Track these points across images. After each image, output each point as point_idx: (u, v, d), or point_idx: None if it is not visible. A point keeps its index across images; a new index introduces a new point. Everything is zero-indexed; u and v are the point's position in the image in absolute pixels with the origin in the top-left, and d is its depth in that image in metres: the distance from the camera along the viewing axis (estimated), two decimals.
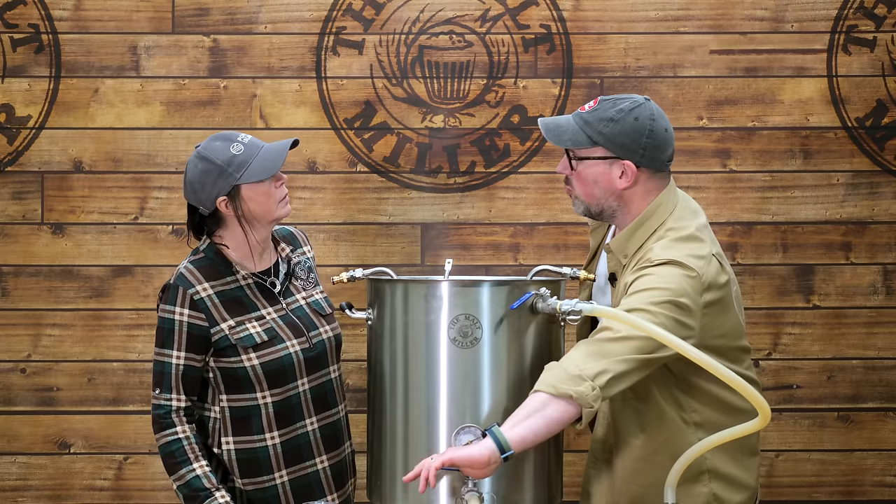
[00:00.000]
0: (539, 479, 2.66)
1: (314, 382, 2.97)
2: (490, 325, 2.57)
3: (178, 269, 2.94)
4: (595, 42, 4.12)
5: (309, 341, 2.96)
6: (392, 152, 4.13)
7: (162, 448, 2.88)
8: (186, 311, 2.89)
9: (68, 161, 4.10)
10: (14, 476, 4.09)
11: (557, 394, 2.48)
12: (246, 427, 2.90)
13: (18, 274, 4.10)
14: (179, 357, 2.89)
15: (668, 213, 2.76)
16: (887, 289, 4.12)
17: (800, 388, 4.12)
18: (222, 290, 2.92)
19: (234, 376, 2.89)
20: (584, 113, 2.78)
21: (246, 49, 4.12)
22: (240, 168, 2.86)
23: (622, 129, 2.73)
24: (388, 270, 2.79)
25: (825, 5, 4.12)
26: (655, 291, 2.57)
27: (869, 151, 4.12)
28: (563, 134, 2.78)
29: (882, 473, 4.13)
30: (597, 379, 2.49)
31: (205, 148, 2.91)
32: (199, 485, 2.83)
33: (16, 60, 4.10)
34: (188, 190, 2.93)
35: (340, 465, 3.02)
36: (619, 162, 2.74)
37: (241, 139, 2.90)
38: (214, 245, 2.96)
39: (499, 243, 4.13)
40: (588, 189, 2.79)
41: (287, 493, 2.92)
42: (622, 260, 2.76)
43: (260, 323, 2.92)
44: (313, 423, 2.96)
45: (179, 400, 2.88)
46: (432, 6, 4.13)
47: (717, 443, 2.51)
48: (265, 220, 2.93)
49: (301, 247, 3.12)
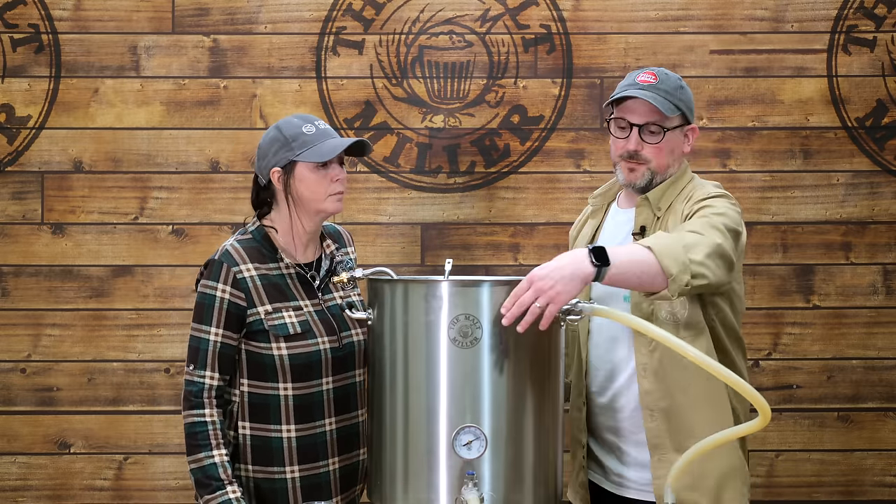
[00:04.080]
0: (539, 479, 2.66)
1: (339, 383, 2.95)
2: (490, 325, 2.57)
3: (223, 246, 2.93)
4: (595, 42, 4.13)
5: (339, 341, 2.94)
6: (392, 152, 4.13)
7: (187, 427, 2.84)
8: (229, 289, 2.87)
9: (68, 161, 4.10)
10: (14, 476, 4.09)
11: (661, 265, 2.57)
12: (264, 415, 2.89)
13: (18, 274, 4.10)
14: (217, 334, 2.86)
15: (691, 172, 2.98)
16: (887, 289, 4.12)
17: (800, 388, 4.12)
18: (265, 274, 2.91)
19: (260, 363, 2.88)
20: (656, 84, 2.88)
21: (246, 49, 4.12)
22: (302, 146, 2.89)
23: (689, 95, 2.95)
24: (388, 270, 2.78)
25: (825, 5, 4.12)
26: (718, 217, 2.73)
27: (869, 151, 4.12)
28: (662, 105, 2.87)
29: (882, 473, 4.13)
30: (695, 279, 2.61)
31: (283, 121, 2.96)
32: (215, 473, 2.81)
33: (16, 60, 4.10)
34: (256, 156, 2.98)
35: (351, 468, 3.00)
36: (685, 127, 2.94)
37: (317, 123, 2.94)
38: (263, 228, 2.97)
39: (499, 243, 4.13)
40: (665, 159, 2.91)
41: (297, 489, 2.91)
42: (657, 212, 2.89)
43: (297, 314, 2.91)
44: (332, 423, 2.94)
45: (213, 378, 2.85)
46: (432, 6, 4.13)
47: (717, 443, 2.51)
48: (311, 207, 2.92)
49: (346, 247, 3.13)
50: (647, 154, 2.88)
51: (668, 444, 2.83)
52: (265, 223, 2.98)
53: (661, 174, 2.91)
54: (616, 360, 2.91)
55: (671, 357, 2.80)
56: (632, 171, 2.91)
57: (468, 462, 2.56)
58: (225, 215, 4.11)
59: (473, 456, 2.56)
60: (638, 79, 2.90)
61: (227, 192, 4.11)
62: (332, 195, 2.92)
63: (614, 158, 2.95)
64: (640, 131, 2.88)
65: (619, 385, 2.91)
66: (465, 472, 2.55)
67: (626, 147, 2.90)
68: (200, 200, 4.11)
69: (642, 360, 2.84)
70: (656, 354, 2.82)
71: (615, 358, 2.91)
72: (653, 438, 2.85)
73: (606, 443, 2.96)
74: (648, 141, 2.88)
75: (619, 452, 2.93)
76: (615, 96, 2.92)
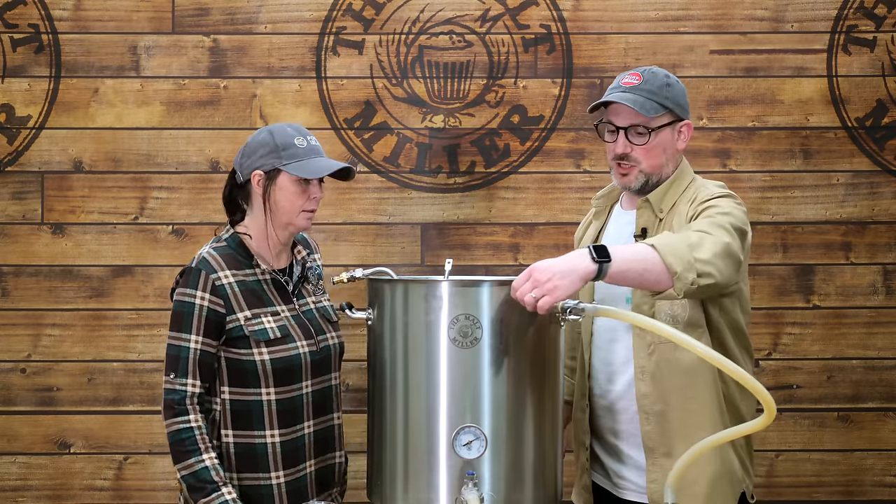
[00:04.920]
0: (539, 480, 2.66)
1: (317, 386, 2.97)
2: (490, 325, 2.57)
3: (199, 254, 2.94)
4: (595, 42, 4.12)
5: (317, 344, 2.97)
6: (392, 152, 4.13)
7: (172, 435, 2.84)
8: (208, 296, 2.87)
9: (68, 161, 4.10)
10: (14, 476, 4.09)
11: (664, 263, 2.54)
12: (247, 422, 2.90)
13: (18, 274, 4.10)
14: (197, 341, 2.86)
15: (692, 172, 2.94)
16: (887, 289, 4.12)
17: (800, 388, 4.12)
18: (242, 280, 2.92)
19: (241, 369, 2.89)
20: (639, 85, 2.86)
21: (246, 49, 4.12)
22: (291, 157, 2.90)
23: (679, 91, 2.90)
24: (388, 270, 2.79)
25: (825, 5, 4.12)
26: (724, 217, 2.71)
27: (869, 151, 4.12)
28: (642, 107, 2.84)
29: (882, 473, 4.12)
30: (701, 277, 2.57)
31: (276, 126, 2.97)
32: (208, 476, 2.81)
33: (16, 60, 4.10)
34: (239, 153, 2.98)
35: (326, 470, 3.02)
36: (678, 124, 2.89)
37: (309, 139, 2.96)
38: (237, 235, 2.98)
39: (499, 243, 4.13)
40: (656, 159, 2.88)
41: (282, 494, 2.91)
42: (658, 214, 2.86)
43: (275, 319, 2.92)
44: (310, 426, 2.96)
45: (195, 385, 2.85)
46: (432, 6, 4.13)
47: (722, 440, 2.50)
48: (283, 219, 2.94)
49: (314, 253, 3.16)
50: (637, 156, 2.88)
51: (660, 448, 2.84)
52: (239, 230, 2.99)
53: (656, 174, 2.89)
54: (616, 363, 2.91)
55: (668, 360, 2.80)
56: (624, 174, 2.91)
57: (468, 462, 2.56)
58: (225, 215, 4.10)
59: (473, 456, 2.56)
60: (622, 81, 2.90)
61: None
62: (304, 211, 2.95)
63: (609, 162, 2.95)
64: (627, 134, 2.88)
65: (619, 387, 2.91)
66: (465, 472, 2.56)
67: (615, 150, 2.90)
68: (200, 200, 4.11)
69: (640, 362, 2.84)
70: (654, 357, 2.82)
71: (615, 360, 2.91)
72: (648, 441, 2.85)
73: (608, 445, 2.96)
74: (636, 143, 2.87)
75: (620, 454, 2.93)
76: (597, 102, 2.93)
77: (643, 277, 2.55)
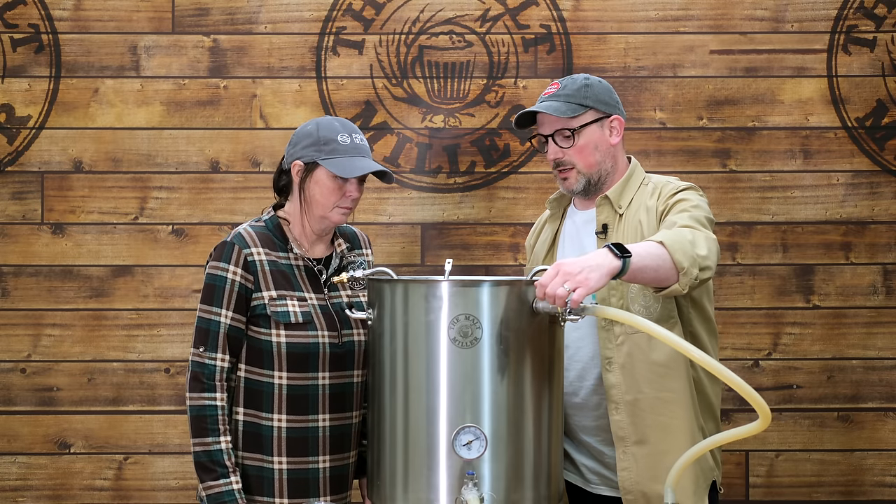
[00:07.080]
0: (539, 479, 2.66)
1: (335, 380, 2.94)
2: (490, 325, 2.57)
3: (235, 230, 2.95)
4: (595, 42, 4.13)
5: (339, 337, 2.95)
6: (392, 152, 4.13)
7: (196, 409, 2.85)
8: (240, 271, 2.89)
9: (68, 161, 4.10)
10: (14, 476, 4.09)
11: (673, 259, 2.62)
12: (257, 402, 2.90)
13: (18, 274, 4.10)
14: (227, 316, 2.88)
15: (642, 170, 3.02)
16: (887, 289, 4.12)
17: (800, 388, 4.12)
18: (274, 261, 2.93)
19: (258, 348, 2.89)
20: (557, 92, 2.96)
21: (246, 49, 4.12)
22: (331, 153, 2.91)
23: (599, 89, 2.97)
24: (388, 270, 2.79)
25: (825, 5, 4.12)
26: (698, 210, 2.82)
27: (869, 151, 4.12)
28: (557, 110, 2.93)
29: (882, 473, 4.12)
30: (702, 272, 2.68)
31: (324, 119, 2.99)
32: (221, 459, 2.83)
33: (16, 60, 4.10)
34: (289, 141, 3.01)
35: (342, 469, 2.99)
36: (607, 120, 2.96)
37: (354, 137, 2.96)
38: (276, 218, 3.00)
39: (499, 243, 4.13)
40: (590, 157, 2.95)
41: (283, 480, 2.90)
42: (618, 210, 2.93)
43: (300, 304, 2.92)
44: (325, 419, 2.94)
45: (224, 360, 2.87)
46: (432, 6, 4.13)
47: (717, 443, 2.53)
48: (317, 212, 2.95)
49: (361, 248, 3.13)
50: (570, 158, 2.96)
51: (631, 437, 2.88)
52: (279, 214, 3.01)
53: (595, 172, 2.97)
54: (585, 360, 2.96)
55: (640, 351, 2.87)
56: (564, 179, 2.99)
57: (468, 462, 2.56)
58: (225, 215, 4.11)
59: (473, 456, 2.56)
60: (544, 93, 3.01)
61: (227, 192, 4.11)
62: (339, 207, 2.95)
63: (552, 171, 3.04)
64: (555, 140, 2.96)
65: (590, 382, 2.95)
66: (465, 472, 2.55)
67: (549, 157, 3.00)
68: (200, 200, 4.11)
69: (608, 354, 2.89)
70: (623, 348, 2.88)
71: (584, 357, 2.96)
72: (618, 431, 2.90)
73: (581, 442, 2.99)
74: (563, 146, 2.95)
75: (592, 450, 2.97)
76: (517, 115, 3.03)
77: (657, 273, 2.63)
